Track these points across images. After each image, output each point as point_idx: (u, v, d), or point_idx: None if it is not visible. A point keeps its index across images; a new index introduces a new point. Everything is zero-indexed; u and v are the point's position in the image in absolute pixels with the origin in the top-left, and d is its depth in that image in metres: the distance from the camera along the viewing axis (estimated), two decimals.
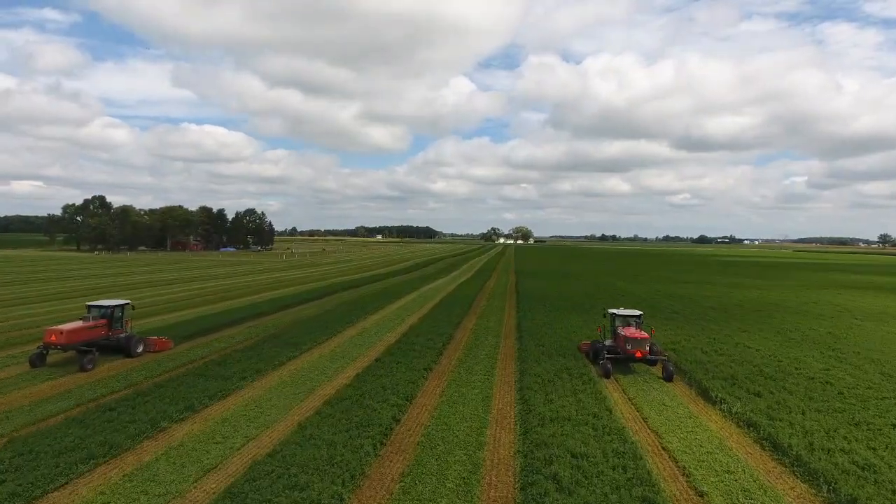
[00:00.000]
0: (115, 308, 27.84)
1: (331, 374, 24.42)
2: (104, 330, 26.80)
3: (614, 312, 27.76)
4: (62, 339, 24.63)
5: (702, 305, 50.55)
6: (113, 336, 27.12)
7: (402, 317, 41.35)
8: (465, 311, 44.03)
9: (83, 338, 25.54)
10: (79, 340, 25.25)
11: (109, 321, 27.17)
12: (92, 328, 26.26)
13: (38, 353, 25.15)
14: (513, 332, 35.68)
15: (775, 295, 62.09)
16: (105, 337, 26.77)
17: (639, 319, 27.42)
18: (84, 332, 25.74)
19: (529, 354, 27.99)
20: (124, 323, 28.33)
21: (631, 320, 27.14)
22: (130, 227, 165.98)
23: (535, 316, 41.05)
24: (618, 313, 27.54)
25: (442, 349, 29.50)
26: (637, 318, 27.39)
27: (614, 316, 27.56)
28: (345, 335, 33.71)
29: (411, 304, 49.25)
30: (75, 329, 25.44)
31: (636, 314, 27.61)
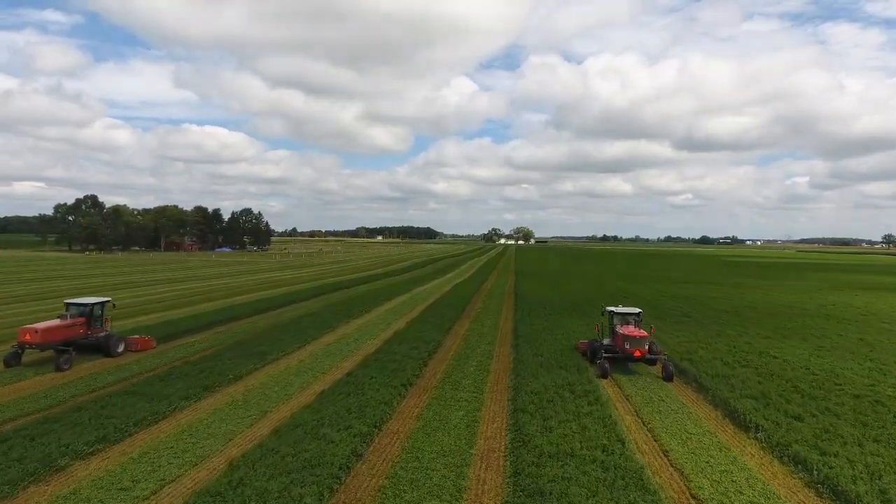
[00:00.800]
0: (95, 306, 26.71)
1: (291, 392, 20.85)
2: (83, 329, 25.72)
3: (612, 310, 26.60)
4: (37, 338, 23.56)
5: (712, 308, 46.92)
6: (92, 335, 25.98)
7: (389, 321, 37.79)
8: (459, 315, 40.46)
9: (59, 337, 24.45)
10: (55, 339, 24.18)
11: (88, 319, 26.13)
12: (69, 327, 25.14)
13: (13, 353, 23.98)
14: (508, 338, 32.10)
15: (790, 296, 58.40)
16: (84, 336, 25.65)
17: (638, 317, 26.25)
18: (60, 331, 24.63)
19: (526, 366, 24.40)
20: (104, 321, 27.21)
21: (630, 318, 26.03)
22: (123, 227, 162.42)
23: (533, 320, 37.46)
24: (616, 311, 26.39)
25: (427, 359, 25.94)
26: (636, 315, 26.27)
27: (612, 314, 26.37)
28: (321, 342, 30.17)
29: (401, 306, 45.69)
30: (51, 328, 24.32)
31: (635, 312, 26.43)
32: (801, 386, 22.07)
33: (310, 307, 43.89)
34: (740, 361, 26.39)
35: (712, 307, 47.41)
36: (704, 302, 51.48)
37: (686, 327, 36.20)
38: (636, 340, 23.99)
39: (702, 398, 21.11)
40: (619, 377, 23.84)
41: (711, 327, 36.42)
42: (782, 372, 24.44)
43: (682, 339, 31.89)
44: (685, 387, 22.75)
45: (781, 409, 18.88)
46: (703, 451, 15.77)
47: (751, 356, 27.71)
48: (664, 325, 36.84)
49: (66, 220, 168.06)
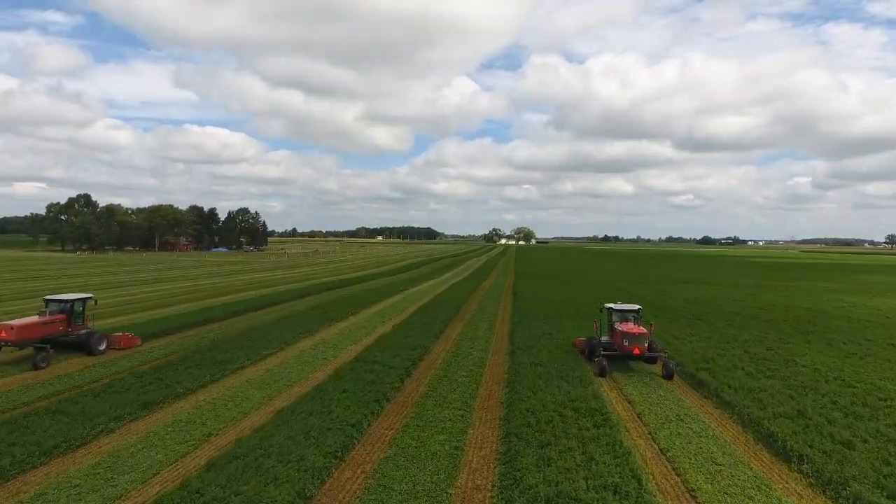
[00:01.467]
0: (75, 302, 25.92)
1: (247, 410, 17.83)
2: (62, 326, 24.91)
3: (611, 307, 25.75)
4: (12, 335, 22.77)
5: (724, 310, 43.83)
6: (72, 332, 25.20)
7: (375, 324, 34.76)
8: (452, 317, 37.42)
9: (37, 334, 23.67)
10: (32, 337, 23.38)
11: (68, 316, 25.34)
12: (48, 324, 24.35)
13: None
14: (504, 343, 29.07)
15: (804, 298, 55.28)
16: (63, 333, 24.86)
17: (637, 314, 25.40)
18: (38, 328, 23.85)
19: (522, 377, 21.35)
20: (85, 318, 26.35)
21: (629, 315, 25.20)
22: (116, 226, 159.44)
23: (532, 323, 34.40)
24: (615, 308, 25.56)
25: (410, 369, 22.91)
26: (635, 312, 25.41)
27: (611, 311, 25.52)
28: (296, 348, 27.17)
29: (391, 308, 42.67)
30: (27, 324, 23.53)
31: (634, 309, 25.66)
32: (841, 402, 19.01)
33: (293, 309, 40.88)
34: (764, 371, 23.33)
35: (724, 309, 44.34)
36: (714, 303, 48.41)
37: (698, 331, 33.12)
38: (635, 338, 23.07)
39: (727, 416, 18.07)
40: (630, 390, 20.82)
41: (726, 331, 33.35)
42: (815, 384, 21.37)
43: (697, 344, 28.82)
44: (705, 401, 19.72)
45: (825, 433, 15.83)
46: (737, 489, 12.75)
47: (775, 364, 24.66)
48: (674, 328, 33.80)
49: (58, 219, 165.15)
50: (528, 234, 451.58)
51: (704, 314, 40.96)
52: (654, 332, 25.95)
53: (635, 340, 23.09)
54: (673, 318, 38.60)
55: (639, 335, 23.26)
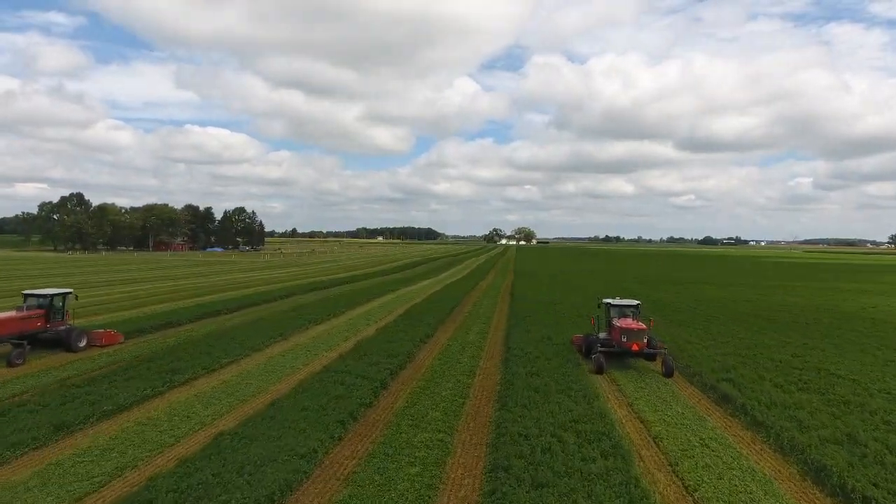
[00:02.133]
0: (55, 297, 25.17)
1: (182, 433, 14.79)
2: (40, 321, 24.16)
3: (609, 302, 24.88)
4: None
5: (737, 311, 40.73)
6: (52, 328, 24.47)
7: (358, 327, 31.71)
8: (443, 320, 34.35)
9: (14, 329, 22.89)
10: (9, 332, 22.61)
11: (47, 312, 24.54)
12: (25, 319, 23.59)
13: None
14: (498, 349, 26.03)
15: (820, 298, 52.15)
16: (42, 329, 24.13)
17: (636, 310, 24.49)
18: (14, 324, 23.07)
19: (516, 391, 18.29)
20: (65, 314, 25.66)
21: (627, 311, 24.31)
22: (109, 225, 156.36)
23: (530, 326, 31.32)
24: (613, 303, 24.69)
25: (387, 381, 19.86)
26: (634, 307, 24.51)
27: (609, 306, 24.66)
28: (263, 355, 24.13)
29: (379, 309, 39.62)
30: (3, 320, 22.83)
31: (633, 304, 24.74)
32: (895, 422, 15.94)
33: (272, 310, 37.82)
34: (796, 383, 20.24)
35: (736, 310, 41.23)
36: (725, 304, 45.30)
37: (712, 335, 30.03)
38: (634, 333, 22.21)
39: (760, 439, 15.02)
40: (641, 404, 17.76)
41: (743, 335, 30.24)
42: (858, 399, 18.28)
43: (713, 350, 25.73)
44: (732, 420, 16.67)
45: (889, 465, 12.76)
46: None
47: (806, 374, 21.57)
48: (686, 332, 30.72)
49: (50, 218, 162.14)
50: (529, 234, 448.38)
51: (716, 316, 37.87)
52: (653, 328, 24.76)
53: (634, 336, 22.14)
54: (683, 319, 35.51)
55: (638, 331, 22.34)
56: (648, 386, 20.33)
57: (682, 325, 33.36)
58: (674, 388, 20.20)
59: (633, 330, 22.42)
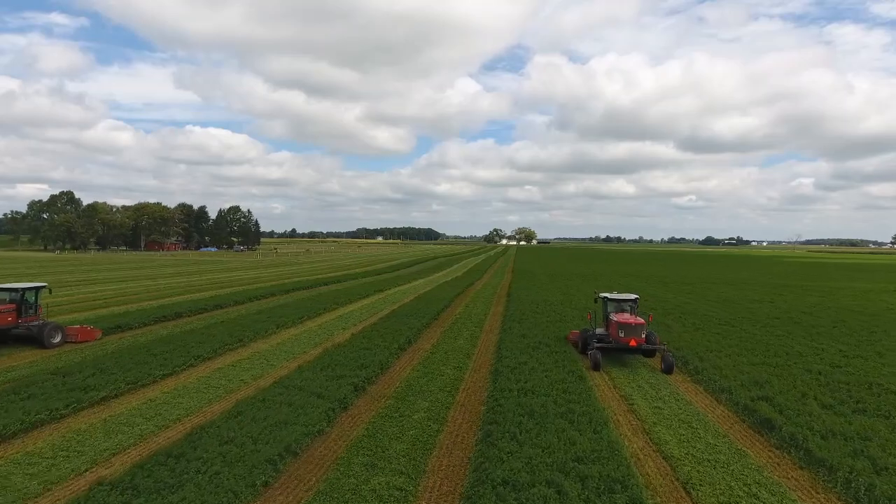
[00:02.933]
0: (26, 291, 24.18)
1: (52, 478, 11.14)
2: (11, 317, 23.17)
3: (606, 296, 24.10)
4: None
5: (758, 313, 37.04)
6: (23, 324, 23.47)
7: (333, 331, 28.10)
8: (429, 323, 30.72)
9: None
10: None
11: (19, 307, 23.58)
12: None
13: None
14: (488, 359, 22.37)
15: (846, 299, 48.38)
16: (13, 325, 23.20)
17: (634, 304, 23.60)
18: None
19: (505, 414, 14.62)
20: (38, 309, 24.60)
21: (625, 305, 23.59)
22: (98, 224, 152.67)
23: (526, 330, 27.65)
24: (610, 297, 23.93)
25: (347, 401, 16.20)
26: (632, 302, 23.67)
27: (606, 300, 23.86)
28: (210, 365, 20.52)
29: (362, 310, 35.96)
30: None
31: (631, 298, 23.89)
32: None
33: (242, 311, 34.17)
34: (848, 402, 16.57)
35: (757, 312, 37.53)
36: (743, 305, 41.59)
37: (735, 340, 26.36)
38: (632, 328, 21.35)
39: (824, 484, 11.41)
40: (662, 431, 14.11)
41: (769, 341, 26.57)
42: None
43: (738, 359, 22.06)
44: (780, 455, 13.02)
45: None
46: None
47: (857, 391, 17.89)
48: (704, 337, 27.08)
49: (39, 217, 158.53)
50: (529, 234, 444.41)
51: (735, 319, 34.16)
52: (652, 323, 24.09)
53: (632, 331, 21.28)
54: (699, 323, 31.81)
55: (636, 326, 21.41)
56: (667, 405, 16.69)
57: (699, 329, 29.68)
58: (698, 407, 16.57)
59: (630, 325, 21.37)
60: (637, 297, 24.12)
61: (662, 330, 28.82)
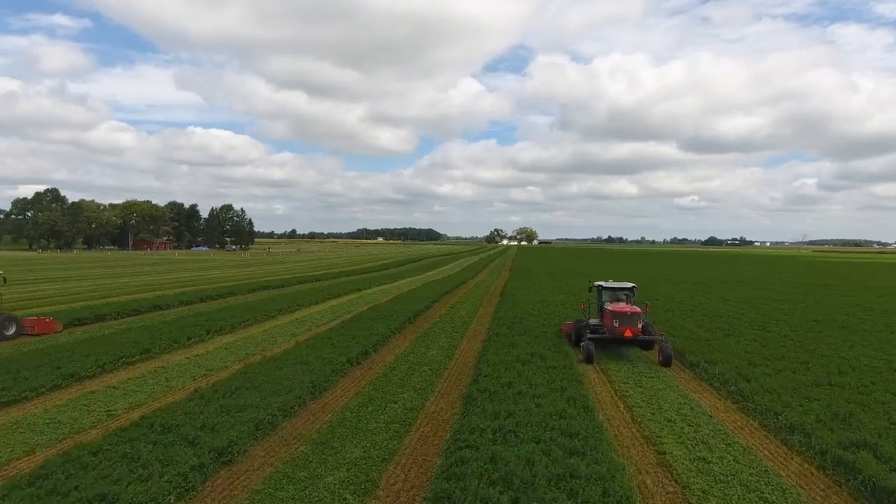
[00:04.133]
0: None
1: None
2: None
3: (601, 285, 22.53)
4: None
5: (793, 315, 31.52)
6: None
7: (276, 339, 22.67)
8: (399, 329, 25.26)
9: None
10: None
11: None
12: None
13: None
14: (462, 380, 16.91)
15: (881, 300, 42.84)
16: None
17: (630, 293, 21.95)
18: None
19: (474, 466, 9.16)
20: None
21: (621, 294, 21.94)
22: (84, 223, 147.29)
23: (517, 338, 22.14)
24: (605, 286, 22.34)
25: (230, 453, 10.73)
26: (629, 290, 21.98)
27: (601, 289, 22.33)
28: (86, 386, 15.10)
29: (325, 312, 30.53)
30: None
31: (628, 286, 22.12)
32: None
33: (181, 313, 28.74)
34: None
35: (791, 314, 32.00)
36: (771, 306, 36.07)
37: (778, 350, 20.84)
38: (627, 317, 19.99)
39: None
40: (697, 481, 8.65)
41: (822, 351, 21.06)
42: None
43: (797, 377, 16.54)
44: None
45: None
46: None
47: None
48: (739, 345, 21.60)
49: (23, 215, 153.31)
50: (531, 234, 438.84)
51: (767, 322, 28.66)
52: (649, 313, 23.29)
53: (627, 321, 19.94)
54: (728, 327, 26.30)
55: (631, 315, 20.06)
56: (712, 450, 11.23)
57: (730, 335, 24.18)
58: (762, 458, 11.10)
59: (626, 314, 20.00)
60: (634, 285, 22.37)
61: (685, 335, 23.40)
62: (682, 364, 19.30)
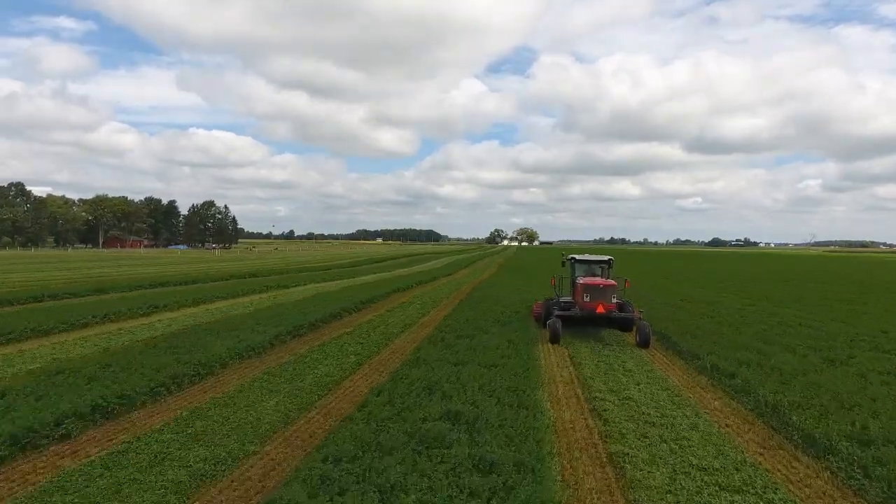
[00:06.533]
0: None
1: None
2: None
3: (575, 258, 20.52)
4: None
5: (847, 333, 21.19)
6: None
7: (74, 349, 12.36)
8: (260, 349, 14.96)
9: None
10: None
11: None
12: None
13: None
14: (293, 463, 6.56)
15: None
16: None
17: (607, 265, 20.01)
18: None
19: None
20: None
21: (595, 267, 20.12)
22: (47, 218, 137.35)
23: (438, 374, 11.83)
24: (579, 259, 20.44)
25: None
26: (605, 263, 20.07)
27: (574, 262, 20.20)
28: None
29: (188, 317, 20.23)
30: None
31: (604, 259, 20.32)
32: None
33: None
34: None
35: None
36: (842, 306, 25.70)
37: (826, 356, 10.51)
38: (599, 291, 17.50)
39: None
40: None
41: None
42: None
43: None
44: None
45: None
46: None
47: None
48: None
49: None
50: (532, 235, 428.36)
51: (861, 336, 18.27)
52: (628, 290, 20.07)
53: (598, 294, 17.41)
54: (820, 345, 15.89)
55: (604, 288, 17.67)
56: None
57: (833, 361, 13.79)
58: None
59: (598, 287, 17.65)
60: (611, 258, 20.59)
61: (754, 355, 13.10)
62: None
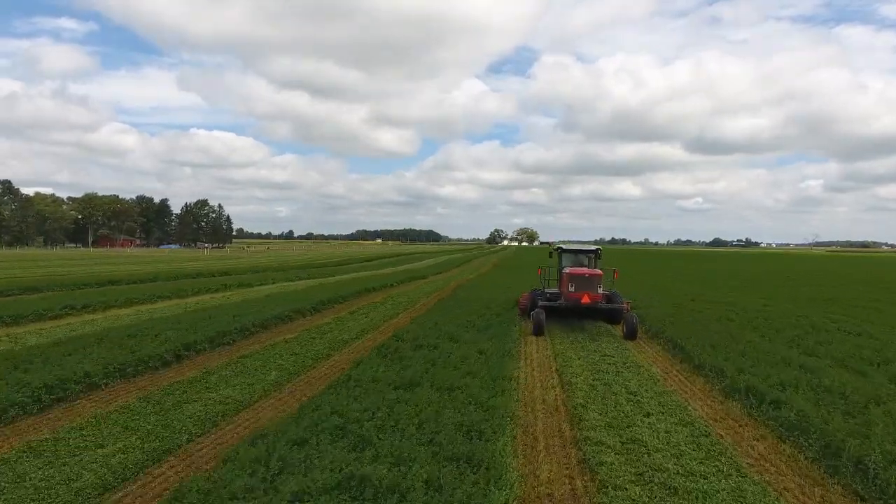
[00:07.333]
0: None
1: None
2: None
3: (562, 247, 20.33)
4: None
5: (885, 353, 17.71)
6: None
7: None
8: (139, 370, 11.54)
9: None
10: None
11: None
12: None
13: None
14: None
15: None
16: None
17: (594, 255, 19.71)
18: None
19: None
20: None
21: (582, 257, 19.80)
22: (33, 217, 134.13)
23: (370, 404, 8.43)
24: (566, 248, 20.18)
25: None
26: (592, 253, 19.78)
27: (562, 252, 20.02)
28: None
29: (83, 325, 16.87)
30: None
31: (591, 249, 20.00)
32: None
33: None
34: None
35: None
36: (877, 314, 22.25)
37: None
38: (584, 280, 17.39)
39: None
40: None
41: None
42: None
43: None
44: None
45: None
46: None
47: None
48: None
49: None
50: (532, 235, 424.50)
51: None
52: (617, 281, 20.86)
53: (584, 285, 17.32)
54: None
55: (590, 277, 17.59)
56: None
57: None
58: None
59: (583, 276, 17.54)
60: (599, 248, 20.03)
61: (799, 372, 9.67)
62: None
